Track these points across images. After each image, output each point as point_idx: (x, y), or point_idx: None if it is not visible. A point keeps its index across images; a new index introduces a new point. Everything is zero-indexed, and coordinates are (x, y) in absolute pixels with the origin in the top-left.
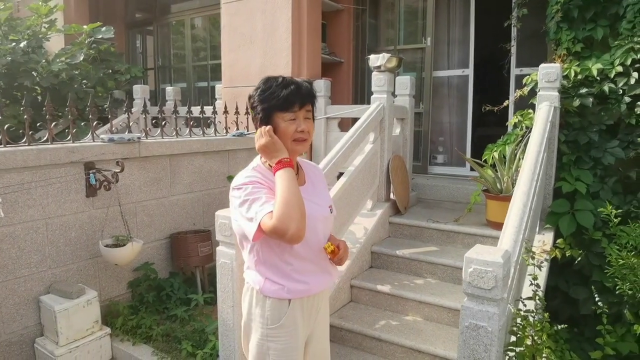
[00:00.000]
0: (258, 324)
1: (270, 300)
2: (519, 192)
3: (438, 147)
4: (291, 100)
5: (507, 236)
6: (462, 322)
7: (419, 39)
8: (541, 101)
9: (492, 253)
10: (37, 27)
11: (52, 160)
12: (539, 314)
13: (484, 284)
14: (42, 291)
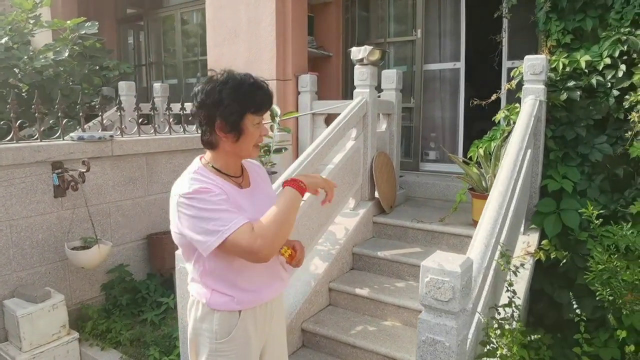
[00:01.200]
0: (206, 339)
1: (219, 313)
2: (495, 193)
3: (430, 143)
4: (264, 105)
5: (479, 240)
6: (419, 336)
7: (409, 32)
8: (526, 95)
9: (450, 261)
10: (22, 23)
11: (16, 160)
12: (515, 322)
13: (441, 296)
14: (6, 295)
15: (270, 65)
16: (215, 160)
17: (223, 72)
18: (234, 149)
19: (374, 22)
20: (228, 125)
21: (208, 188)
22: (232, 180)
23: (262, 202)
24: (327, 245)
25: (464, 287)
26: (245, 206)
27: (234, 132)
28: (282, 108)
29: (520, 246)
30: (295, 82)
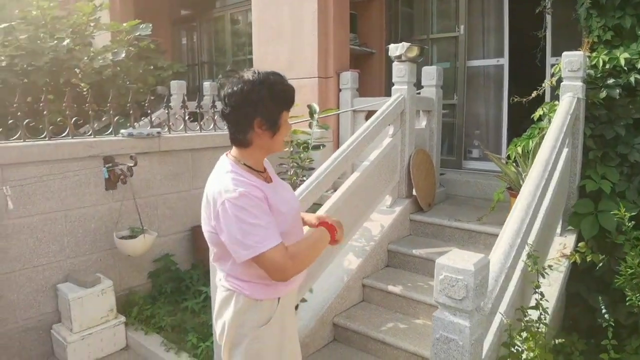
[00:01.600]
0: (247, 329)
1: (261, 302)
2: (525, 192)
3: (473, 141)
4: (293, 101)
5: (504, 240)
6: (434, 333)
7: (453, 28)
8: (564, 92)
9: (465, 260)
10: (82, 26)
11: (71, 155)
12: (543, 325)
13: (455, 294)
14: (60, 280)
15: (312, 63)
16: (246, 158)
17: (254, 73)
18: (269, 145)
19: (417, 18)
20: (268, 122)
21: (251, 194)
22: (261, 176)
23: (284, 195)
24: (361, 241)
25: (478, 286)
26: (279, 197)
27: (273, 129)
28: (323, 105)
29: (556, 247)
30: (336, 80)
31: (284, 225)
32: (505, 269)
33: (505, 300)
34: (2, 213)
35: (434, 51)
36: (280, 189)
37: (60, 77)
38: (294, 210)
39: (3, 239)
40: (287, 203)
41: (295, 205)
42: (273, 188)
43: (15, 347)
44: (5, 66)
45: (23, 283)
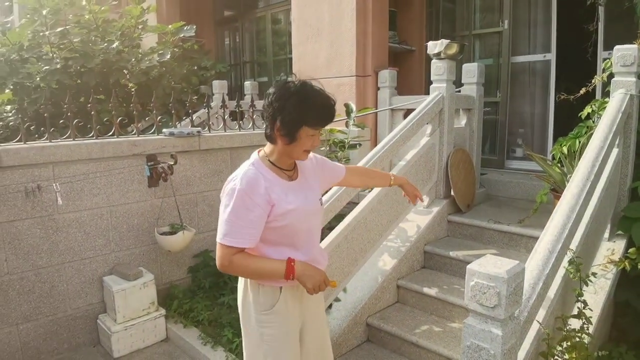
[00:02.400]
0: (252, 310)
1: (263, 288)
2: (568, 195)
3: (516, 140)
4: (323, 121)
5: (542, 245)
6: (464, 340)
7: (496, 22)
8: (616, 88)
9: (497, 266)
10: (131, 28)
11: (116, 153)
12: (585, 335)
13: (486, 301)
14: (105, 272)
15: (351, 62)
16: (272, 154)
17: (299, 82)
18: (285, 150)
19: (459, 14)
20: (284, 129)
21: (247, 193)
22: (284, 173)
23: (306, 194)
24: (397, 242)
25: (512, 294)
26: (290, 197)
27: (288, 137)
28: (361, 104)
29: (603, 253)
30: (375, 78)
31: (290, 219)
32: (543, 276)
33: (543, 309)
34: (53, 208)
35: (477, 47)
36: (297, 190)
37: (110, 78)
38: (304, 210)
39: (54, 233)
40: (295, 203)
41: (307, 207)
42: (288, 187)
43: (65, 334)
44: (61, 68)
45: (72, 274)
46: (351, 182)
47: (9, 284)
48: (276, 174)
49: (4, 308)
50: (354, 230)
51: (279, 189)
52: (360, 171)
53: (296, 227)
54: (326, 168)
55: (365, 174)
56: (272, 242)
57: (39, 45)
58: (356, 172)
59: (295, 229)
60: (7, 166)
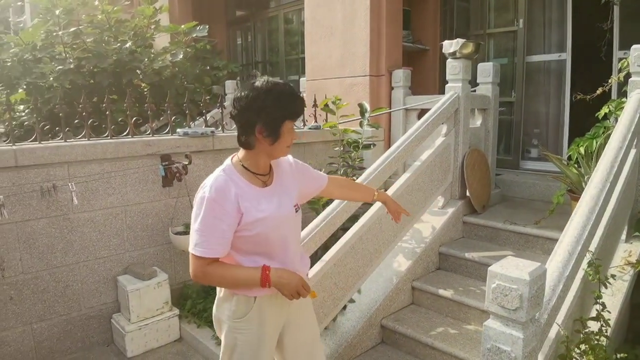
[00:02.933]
0: (226, 317)
1: (236, 297)
2: (587, 196)
3: (532, 140)
4: (300, 112)
5: (562, 247)
6: (484, 343)
7: (511, 21)
8: (633, 88)
9: (519, 268)
10: (144, 28)
11: (130, 153)
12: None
13: (508, 304)
14: (120, 271)
15: (364, 61)
16: (246, 159)
17: (264, 81)
18: (269, 150)
19: (473, 13)
20: (268, 130)
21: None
22: (259, 178)
23: (280, 199)
24: (412, 243)
25: (534, 297)
26: (262, 204)
27: (272, 137)
28: (375, 104)
29: (620, 255)
30: (388, 78)
31: (262, 228)
32: (563, 278)
33: (562, 311)
34: (68, 207)
35: (491, 47)
36: (271, 196)
37: (123, 78)
38: (276, 218)
39: (70, 232)
40: (267, 211)
41: (280, 214)
42: (261, 194)
43: (79, 333)
44: (74, 68)
45: (87, 274)
46: (333, 193)
47: (23, 283)
48: (249, 181)
49: (18, 307)
50: (369, 231)
51: (250, 196)
52: (343, 183)
53: (269, 236)
54: (307, 175)
55: (348, 186)
56: (245, 251)
57: (52, 45)
58: (339, 184)
59: (268, 238)
60: (22, 166)
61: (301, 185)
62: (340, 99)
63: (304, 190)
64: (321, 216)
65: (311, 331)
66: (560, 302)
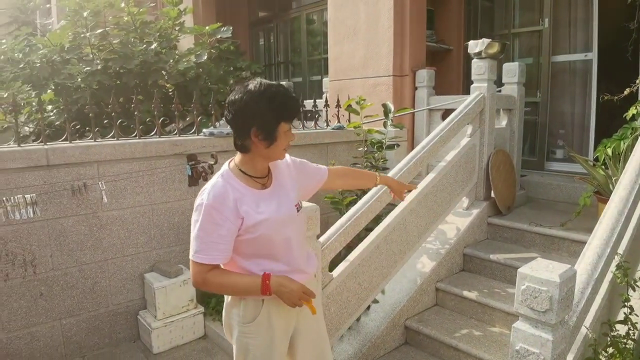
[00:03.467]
0: (235, 322)
1: (244, 301)
2: (616, 198)
3: (557, 141)
4: (295, 113)
5: (591, 249)
6: (513, 345)
7: (536, 21)
8: None
9: (550, 270)
10: (169, 30)
11: (157, 152)
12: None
13: (537, 306)
14: (146, 269)
15: (387, 61)
16: (244, 163)
17: (258, 84)
18: (266, 153)
19: (497, 12)
20: (263, 133)
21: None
22: (257, 181)
23: (279, 200)
24: (436, 244)
25: (564, 299)
26: (262, 207)
27: (268, 140)
28: (398, 104)
29: None
30: (412, 78)
31: (264, 230)
32: (592, 280)
33: (590, 313)
34: (98, 206)
35: (516, 46)
36: (270, 198)
37: (148, 79)
38: (277, 220)
39: (99, 230)
40: (267, 213)
41: (281, 216)
42: (260, 196)
43: (106, 329)
44: (101, 69)
45: (114, 271)
46: (335, 183)
47: (53, 280)
48: (247, 184)
49: (48, 303)
50: (393, 232)
51: (249, 199)
52: (344, 172)
53: (271, 238)
54: (307, 170)
55: (349, 174)
56: (249, 255)
57: (79, 46)
58: (339, 174)
59: (271, 240)
60: (54, 165)
61: (301, 182)
62: (365, 99)
63: (305, 187)
64: (346, 216)
65: (320, 339)
66: (589, 305)
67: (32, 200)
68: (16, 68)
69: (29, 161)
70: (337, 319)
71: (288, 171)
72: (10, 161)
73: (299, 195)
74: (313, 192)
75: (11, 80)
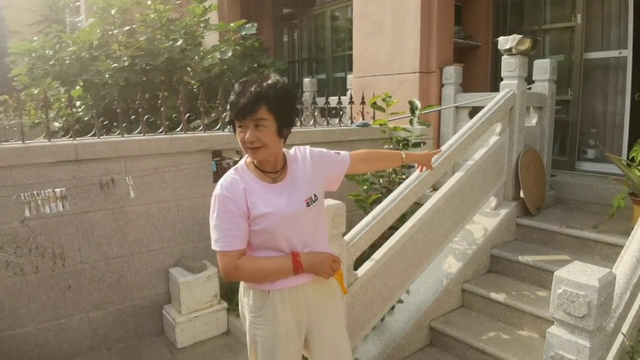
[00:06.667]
0: (246, 311)
1: (252, 290)
2: None
3: (588, 140)
4: (234, 110)
5: (629, 253)
6: (547, 350)
7: (568, 17)
8: None
9: (588, 274)
10: (194, 27)
11: (183, 148)
12: None
13: (575, 311)
14: (171, 264)
15: (414, 58)
16: None
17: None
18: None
19: (527, 8)
20: (232, 127)
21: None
22: (268, 175)
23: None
24: (463, 244)
25: (602, 304)
26: (270, 200)
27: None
28: (425, 101)
29: None
30: (439, 75)
31: (266, 223)
32: (630, 285)
33: (628, 320)
34: (125, 201)
35: (547, 43)
36: (280, 192)
37: (174, 76)
38: (281, 215)
39: (125, 224)
40: (273, 207)
41: (288, 211)
42: (270, 190)
43: (131, 322)
44: (128, 66)
45: (140, 265)
46: (360, 168)
47: (81, 273)
48: (259, 178)
49: (76, 296)
50: (420, 231)
51: (259, 192)
52: (367, 156)
53: (274, 232)
54: (326, 159)
55: (374, 157)
56: (257, 246)
57: (107, 43)
58: (363, 158)
59: (274, 234)
60: (82, 160)
61: (323, 172)
62: (391, 96)
63: (328, 177)
64: (371, 215)
65: (339, 338)
66: (627, 311)
67: (62, 194)
68: (47, 65)
69: (59, 156)
70: (362, 319)
71: (303, 165)
72: (41, 156)
73: (315, 188)
74: (339, 180)
75: (42, 77)
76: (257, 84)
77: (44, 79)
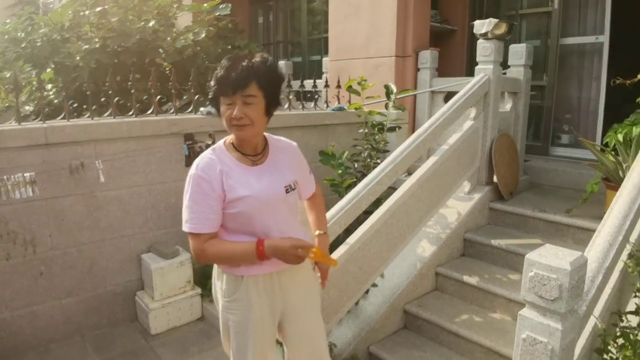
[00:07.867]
0: (219, 295)
1: (225, 275)
2: (629, 185)
3: (563, 126)
4: (223, 85)
5: (602, 237)
6: (519, 333)
7: (545, 2)
8: None
9: (559, 257)
10: (167, 7)
11: (155, 132)
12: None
13: (546, 293)
14: (144, 250)
15: (390, 41)
16: (235, 138)
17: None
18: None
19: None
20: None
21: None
22: (248, 158)
23: (272, 179)
24: (436, 228)
25: (574, 287)
26: (250, 181)
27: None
28: (400, 85)
29: None
30: (415, 59)
31: (244, 207)
32: (603, 269)
33: (600, 303)
34: (95, 185)
35: (523, 28)
36: (260, 175)
37: (145, 57)
38: (260, 198)
39: (96, 210)
40: (252, 190)
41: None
42: (249, 172)
43: (104, 309)
44: (99, 47)
45: (112, 251)
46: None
47: (52, 259)
48: (237, 160)
49: (49, 282)
50: (394, 215)
51: (236, 174)
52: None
53: (252, 215)
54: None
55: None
56: (231, 230)
57: (79, 25)
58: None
59: (251, 217)
60: (52, 143)
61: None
62: (366, 79)
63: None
64: (346, 199)
65: (314, 322)
66: (599, 294)
67: (32, 179)
68: (18, 47)
69: (29, 140)
70: (336, 303)
71: (287, 153)
72: (11, 140)
73: (295, 177)
74: None
75: (14, 60)
76: (247, 59)
77: (16, 62)
